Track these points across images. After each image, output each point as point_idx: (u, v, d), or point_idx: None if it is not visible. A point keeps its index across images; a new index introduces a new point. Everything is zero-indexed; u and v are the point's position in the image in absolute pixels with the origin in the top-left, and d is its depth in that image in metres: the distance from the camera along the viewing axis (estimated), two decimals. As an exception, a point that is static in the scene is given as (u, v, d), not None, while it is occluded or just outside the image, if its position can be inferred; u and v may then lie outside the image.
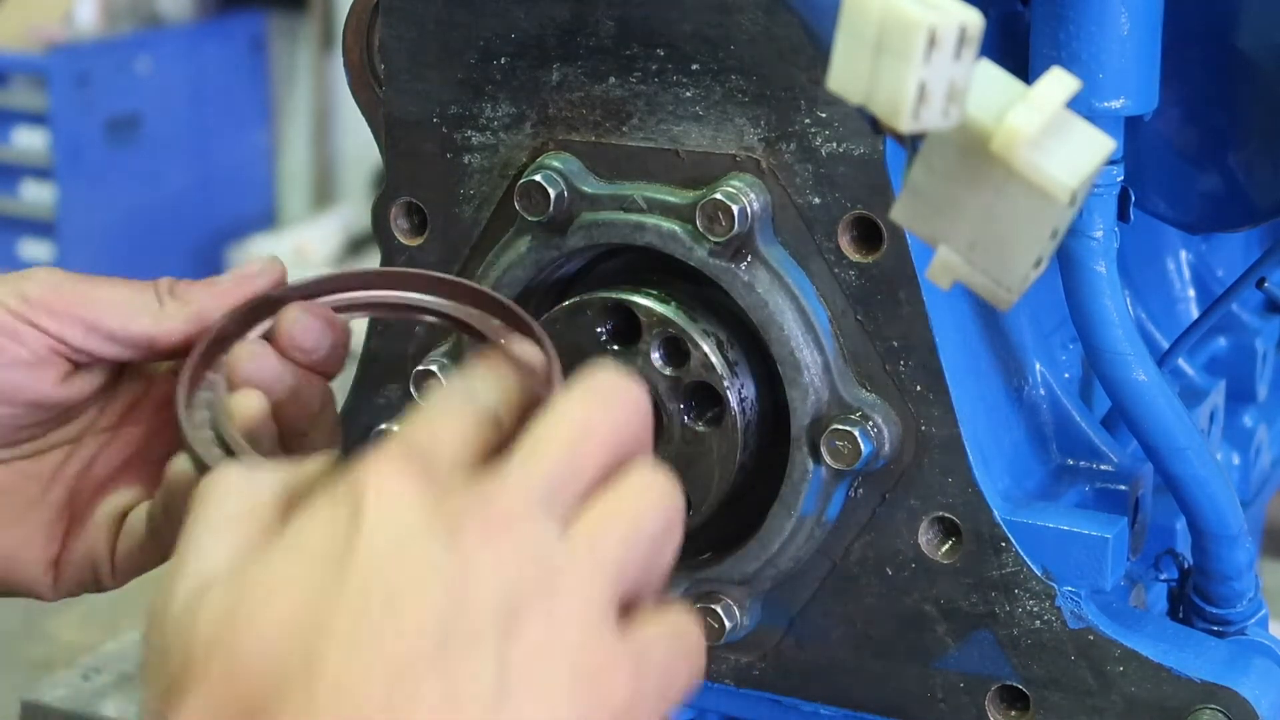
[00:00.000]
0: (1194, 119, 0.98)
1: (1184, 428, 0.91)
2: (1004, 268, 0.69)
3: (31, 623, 3.03)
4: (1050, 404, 0.95)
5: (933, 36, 0.63)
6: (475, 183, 0.93)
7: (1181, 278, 1.20)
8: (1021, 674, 0.88)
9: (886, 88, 0.64)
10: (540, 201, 0.89)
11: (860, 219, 0.86)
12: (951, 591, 0.88)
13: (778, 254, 0.87)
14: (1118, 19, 0.86)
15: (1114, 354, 0.90)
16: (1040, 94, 0.67)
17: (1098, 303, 0.89)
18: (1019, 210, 0.67)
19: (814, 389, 0.87)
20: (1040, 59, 0.87)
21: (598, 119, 0.90)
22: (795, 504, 0.88)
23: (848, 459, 0.86)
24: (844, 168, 0.85)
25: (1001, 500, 0.88)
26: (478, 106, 0.92)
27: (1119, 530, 0.87)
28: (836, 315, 0.87)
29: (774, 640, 0.93)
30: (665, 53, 0.88)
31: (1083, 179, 0.67)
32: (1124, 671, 0.86)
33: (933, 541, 0.89)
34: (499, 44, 0.91)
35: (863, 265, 0.86)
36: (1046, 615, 0.87)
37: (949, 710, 0.90)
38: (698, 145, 0.88)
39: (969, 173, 0.67)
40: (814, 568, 0.91)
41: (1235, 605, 0.95)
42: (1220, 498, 0.92)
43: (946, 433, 0.87)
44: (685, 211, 0.87)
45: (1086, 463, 0.94)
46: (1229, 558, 0.94)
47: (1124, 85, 0.87)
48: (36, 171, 4.47)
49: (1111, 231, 0.90)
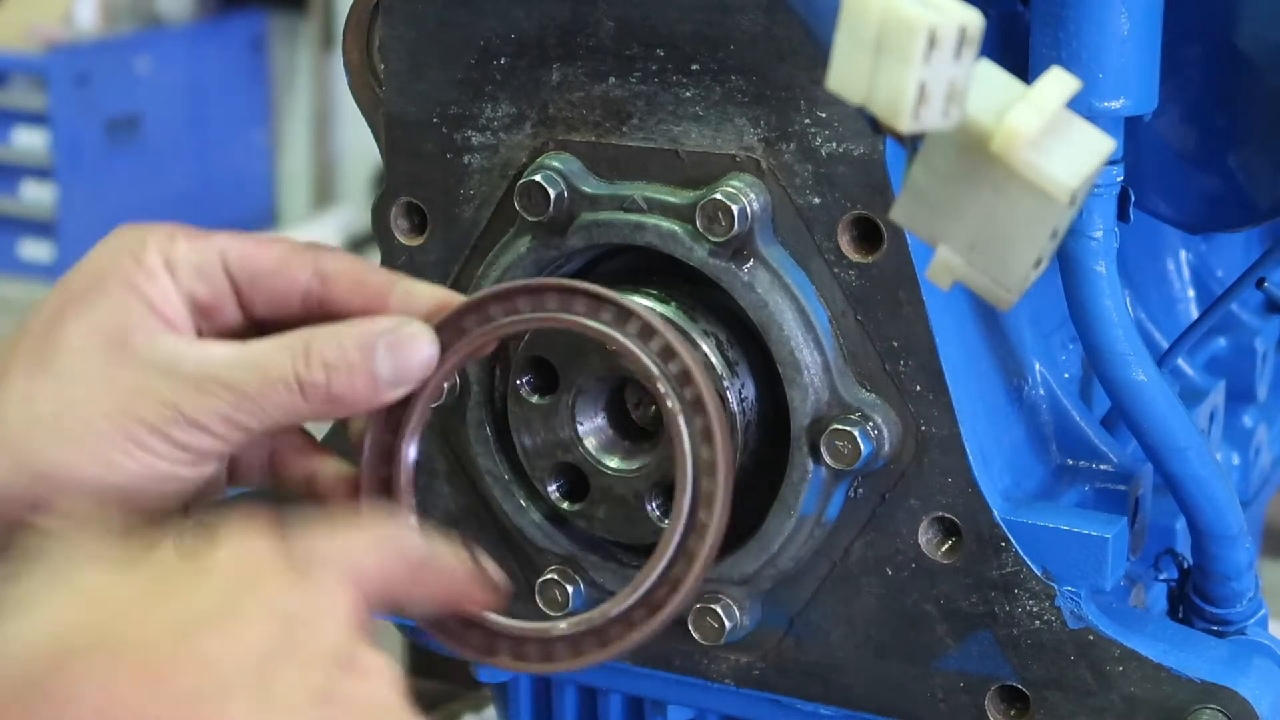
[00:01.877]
0: (1194, 119, 0.98)
1: (1184, 428, 0.91)
2: (1004, 268, 0.69)
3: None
4: (1050, 404, 0.95)
5: (933, 37, 0.63)
6: (475, 183, 0.93)
7: (1181, 278, 1.20)
8: (1021, 674, 0.88)
9: (886, 88, 0.64)
10: (540, 201, 0.89)
11: (860, 219, 0.86)
12: (951, 591, 0.88)
13: (777, 254, 0.87)
14: (1118, 19, 0.86)
15: (1114, 354, 0.90)
16: (1040, 94, 0.67)
17: (1098, 303, 0.89)
18: (1019, 210, 0.67)
19: (814, 389, 0.87)
20: (1040, 59, 0.87)
21: (598, 119, 0.90)
22: (795, 504, 0.88)
23: (848, 459, 0.86)
24: (844, 168, 0.85)
25: (1001, 500, 0.88)
26: (478, 106, 0.92)
27: (1119, 530, 0.87)
28: (836, 315, 0.87)
29: (774, 640, 0.93)
30: (665, 53, 0.88)
31: (1083, 179, 0.67)
32: (1124, 671, 0.86)
33: (933, 541, 0.89)
34: (499, 44, 0.91)
35: (862, 265, 0.86)
36: (1046, 615, 0.87)
37: (949, 710, 0.90)
38: (698, 145, 0.88)
39: (969, 173, 0.67)
40: (814, 568, 0.91)
41: (1235, 605, 0.95)
42: (1220, 498, 0.92)
43: (946, 433, 0.87)
44: (685, 211, 0.87)
45: (1086, 463, 0.94)
46: (1229, 558, 0.94)
47: (1124, 85, 0.87)
48: (36, 171, 4.46)
49: (1111, 231, 0.90)
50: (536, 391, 0.92)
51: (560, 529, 0.94)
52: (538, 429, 0.92)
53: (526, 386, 0.92)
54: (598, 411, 0.92)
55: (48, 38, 4.46)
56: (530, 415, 0.92)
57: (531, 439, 0.92)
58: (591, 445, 0.91)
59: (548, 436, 0.91)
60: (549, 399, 0.91)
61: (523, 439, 0.92)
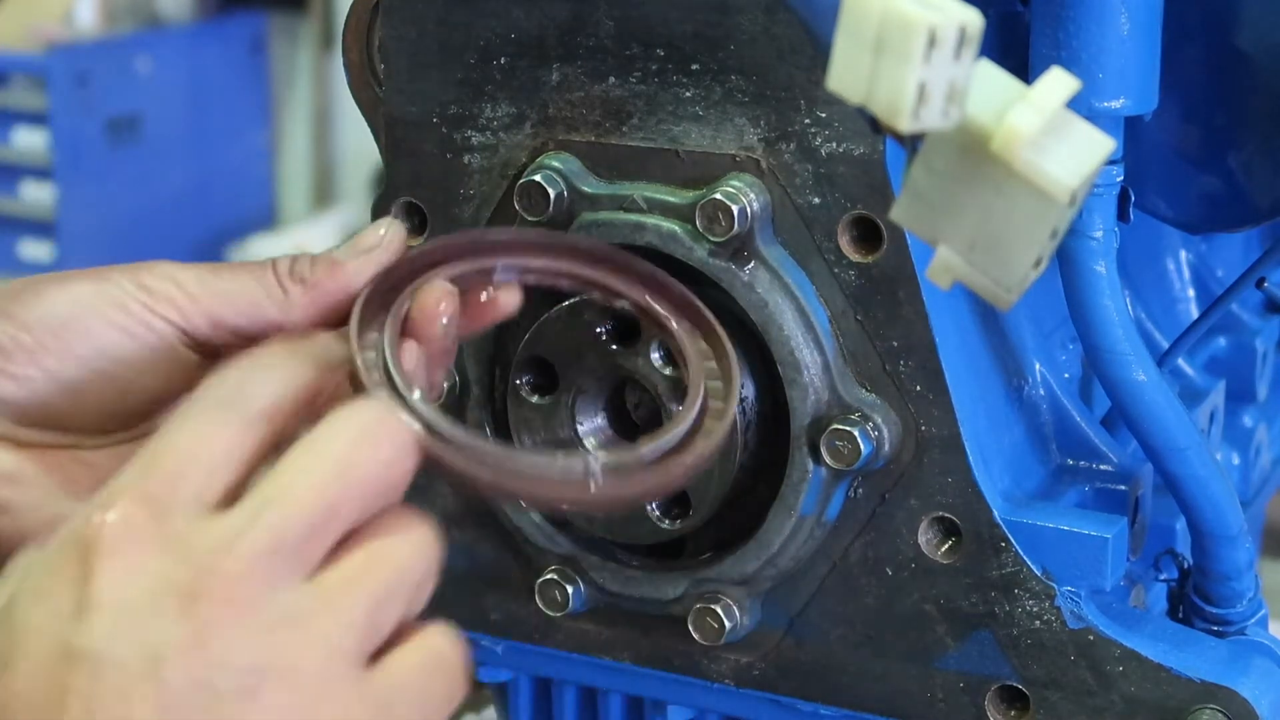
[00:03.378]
0: (1194, 119, 0.98)
1: (1184, 428, 0.91)
2: (1004, 268, 0.69)
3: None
4: (1050, 404, 0.95)
5: (933, 36, 0.63)
6: (475, 183, 0.93)
7: (1181, 278, 1.20)
8: (1021, 674, 0.88)
9: (886, 88, 0.64)
10: (540, 201, 0.89)
11: (860, 219, 0.86)
12: (951, 591, 0.88)
13: (777, 254, 0.87)
14: (1118, 19, 0.86)
15: (1114, 354, 0.90)
16: (1040, 94, 0.67)
17: (1098, 303, 0.89)
18: (1019, 210, 0.67)
19: (814, 389, 0.87)
20: (1040, 59, 0.87)
21: (598, 119, 0.90)
22: (795, 504, 0.88)
23: (847, 459, 0.86)
24: (844, 168, 0.85)
25: (1001, 500, 0.88)
26: (478, 106, 0.92)
27: (1119, 530, 0.87)
28: (836, 315, 0.87)
29: (774, 640, 0.93)
30: (665, 53, 0.88)
31: (1083, 179, 0.67)
32: (1124, 671, 0.86)
33: (932, 541, 0.89)
34: (499, 44, 0.91)
35: (862, 265, 0.86)
36: (1046, 615, 0.87)
37: (949, 710, 0.90)
38: (697, 145, 0.88)
39: (969, 173, 0.67)
40: (814, 568, 0.91)
41: (1235, 605, 0.95)
42: (1220, 498, 0.92)
43: (946, 433, 0.87)
44: (685, 211, 0.87)
45: (1086, 463, 0.94)
46: (1229, 558, 0.94)
47: (1124, 85, 0.87)
48: (36, 171, 4.46)
49: (1111, 231, 0.90)
50: (536, 391, 0.92)
51: (560, 529, 0.94)
52: (538, 429, 0.92)
53: (526, 387, 0.92)
54: (598, 411, 0.92)
55: (48, 38, 4.46)
56: (530, 415, 0.92)
57: (531, 439, 0.92)
58: (591, 445, 0.91)
59: (548, 436, 0.91)
60: (549, 399, 0.91)
61: (522, 439, 0.92)
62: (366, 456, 0.63)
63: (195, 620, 0.59)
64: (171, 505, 0.62)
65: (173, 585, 0.59)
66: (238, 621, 0.59)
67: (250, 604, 0.60)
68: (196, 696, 0.58)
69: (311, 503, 0.62)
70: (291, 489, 0.62)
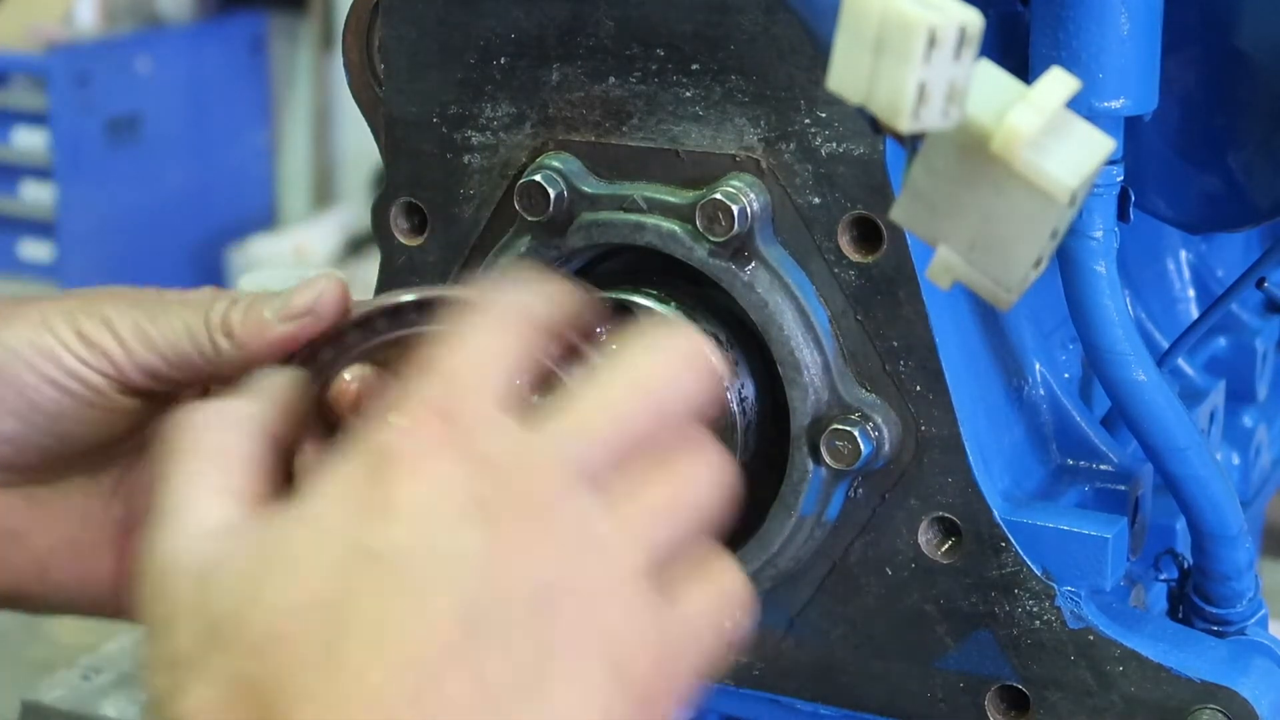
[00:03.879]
0: (1194, 119, 0.98)
1: (1184, 428, 0.91)
2: (1004, 268, 0.69)
3: (31, 623, 3.02)
4: (1050, 404, 0.95)
5: (933, 36, 0.63)
6: (475, 183, 0.93)
7: (1181, 278, 1.20)
8: (1021, 674, 0.88)
9: (886, 88, 0.64)
10: (540, 201, 0.89)
11: (860, 219, 0.86)
12: (951, 591, 0.88)
13: (777, 254, 0.87)
14: (1118, 19, 0.86)
15: (1114, 354, 0.90)
16: (1040, 94, 0.67)
17: (1098, 303, 0.89)
18: (1019, 210, 0.67)
19: (814, 389, 0.87)
20: (1040, 59, 0.87)
21: (598, 119, 0.90)
22: (795, 504, 0.88)
23: (847, 459, 0.86)
24: (844, 168, 0.85)
25: (1001, 500, 0.88)
26: (478, 106, 0.92)
27: (1119, 530, 0.87)
28: (836, 315, 0.87)
29: (774, 640, 0.93)
30: (665, 53, 0.88)
31: (1083, 179, 0.67)
32: (1124, 671, 0.86)
33: (932, 541, 0.89)
34: (499, 44, 0.91)
35: (862, 265, 0.86)
36: (1046, 615, 0.87)
37: (949, 710, 0.90)
38: (697, 145, 0.88)
39: (969, 173, 0.67)
40: (814, 568, 0.91)
41: (1235, 605, 0.95)
42: (1220, 498, 0.92)
43: (946, 433, 0.87)
44: (685, 211, 0.87)
45: (1086, 463, 0.94)
46: (1229, 558, 0.94)
47: (1124, 85, 0.87)
48: (36, 171, 4.47)
49: (1111, 231, 0.90)
50: (536, 391, 0.92)
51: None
52: None
53: None
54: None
55: (48, 38, 4.46)
56: None
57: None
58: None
59: None
60: None
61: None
62: (680, 380, 0.62)
63: (496, 532, 0.57)
64: (468, 417, 0.60)
65: (473, 497, 0.58)
66: (538, 538, 0.58)
67: (552, 522, 0.58)
68: (493, 607, 0.56)
69: (622, 425, 0.61)
70: (604, 410, 0.61)
